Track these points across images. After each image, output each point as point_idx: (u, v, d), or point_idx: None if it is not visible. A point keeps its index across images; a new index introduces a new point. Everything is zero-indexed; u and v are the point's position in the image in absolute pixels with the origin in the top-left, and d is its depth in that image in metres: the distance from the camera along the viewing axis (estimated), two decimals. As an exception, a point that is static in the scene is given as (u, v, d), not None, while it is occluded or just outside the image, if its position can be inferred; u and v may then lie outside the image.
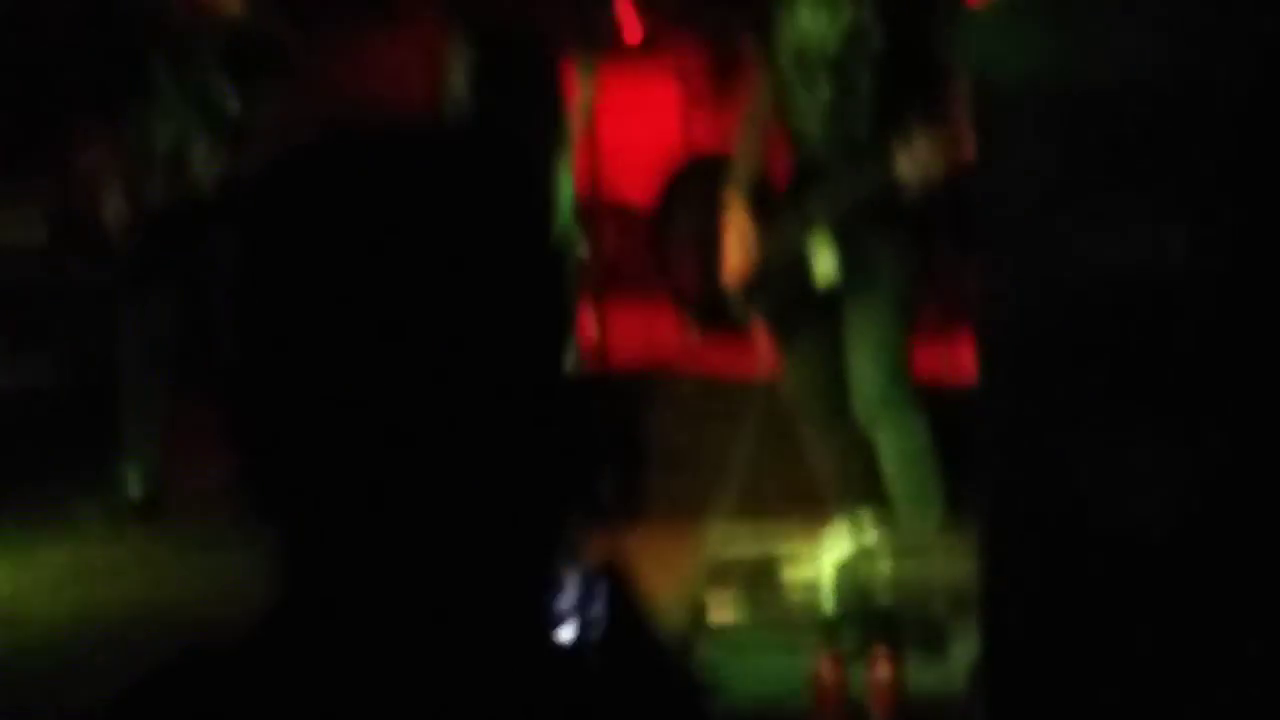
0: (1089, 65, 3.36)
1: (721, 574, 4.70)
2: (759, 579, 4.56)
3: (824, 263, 4.60)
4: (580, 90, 5.90)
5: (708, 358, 6.41)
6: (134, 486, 5.74)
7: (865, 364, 4.57)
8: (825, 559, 4.10)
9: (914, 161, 4.30)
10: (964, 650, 3.89)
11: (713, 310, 6.49)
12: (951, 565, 4.09)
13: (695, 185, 6.54)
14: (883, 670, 3.88)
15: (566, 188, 5.77)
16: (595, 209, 6.44)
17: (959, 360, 5.79)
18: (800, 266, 4.65)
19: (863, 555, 4.14)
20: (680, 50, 7.10)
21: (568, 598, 1.13)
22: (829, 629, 4.05)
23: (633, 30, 6.89)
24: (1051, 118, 3.41)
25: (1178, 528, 3.39)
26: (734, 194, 4.79)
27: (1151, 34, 3.30)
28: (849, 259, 4.54)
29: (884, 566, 4.12)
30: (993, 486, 3.64)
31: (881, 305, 4.57)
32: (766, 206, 4.80)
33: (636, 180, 6.89)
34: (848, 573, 4.08)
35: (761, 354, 6.17)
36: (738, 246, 4.77)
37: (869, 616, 4.06)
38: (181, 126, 5.45)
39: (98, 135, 5.61)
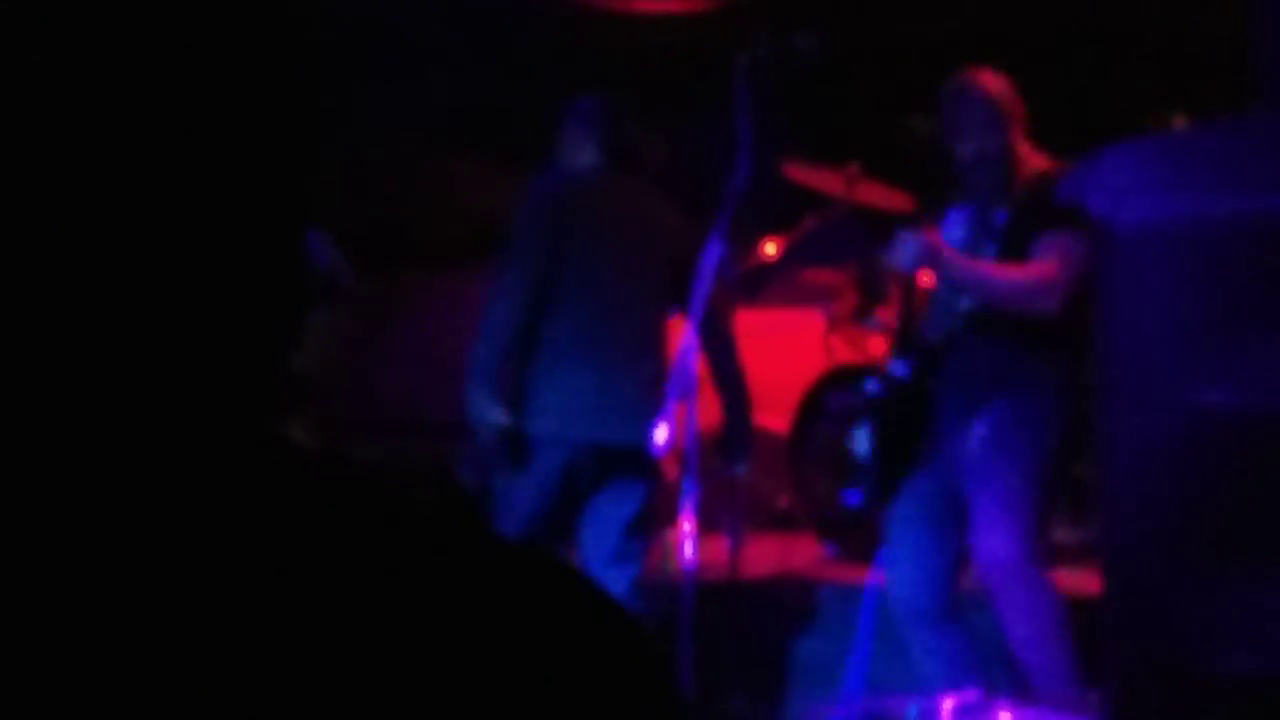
0: (1212, 205, 3.37)
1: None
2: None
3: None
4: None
5: (843, 569, 6.40)
6: None
7: (994, 529, 4.52)
8: (944, 709, 4.01)
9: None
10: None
11: (849, 525, 6.48)
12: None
13: (831, 397, 6.59)
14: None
15: None
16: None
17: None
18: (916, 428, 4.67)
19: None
20: (826, 271, 7.20)
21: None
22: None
23: (778, 253, 7.00)
24: (1176, 257, 3.41)
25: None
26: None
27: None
28: (975, 423, 4.54)
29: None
30: (1119, 641, 3.56)
31: (1013, 470, 4.54)
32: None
33: (777, 403, 6.94)
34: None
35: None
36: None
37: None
38: None
39: None
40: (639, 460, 5.17)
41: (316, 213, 0.90)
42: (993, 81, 4.69)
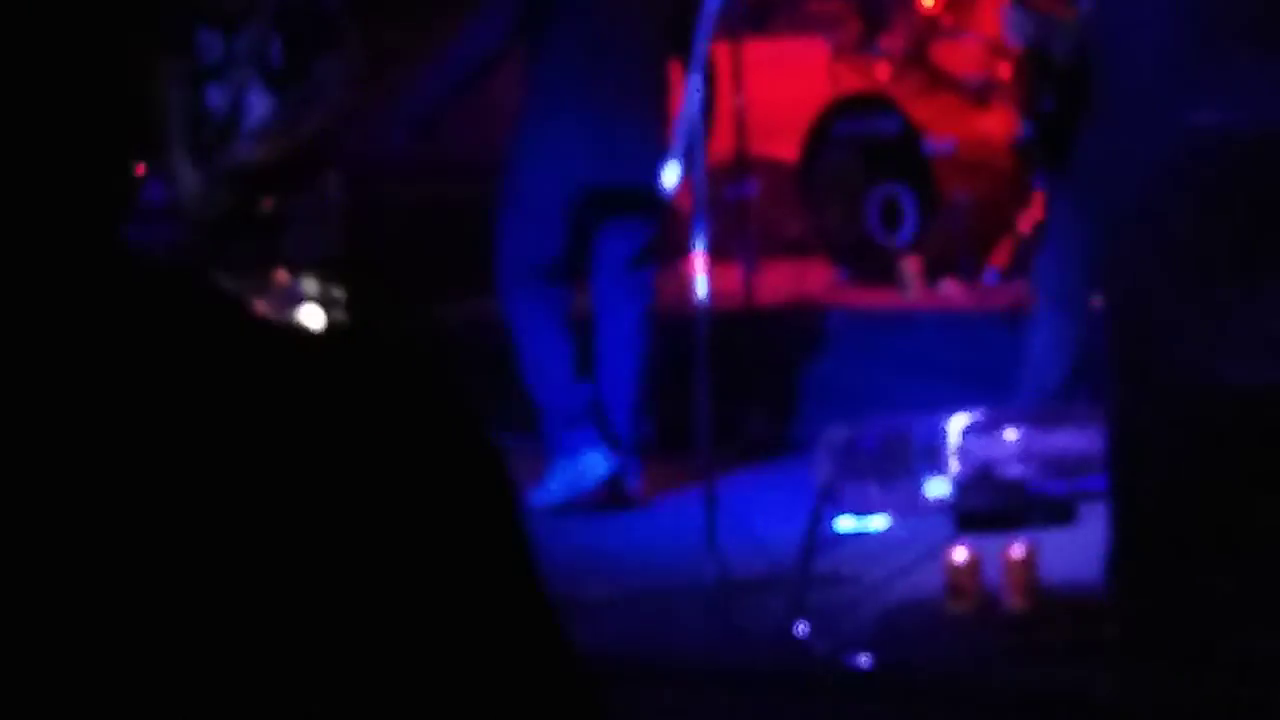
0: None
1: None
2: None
3: None
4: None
5: (855, 293, 6.55)
6: None
7: None
8: (953, 428, 4.15)
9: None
10: (1094, 525, 3.92)
11: (860, 249, 6.62)
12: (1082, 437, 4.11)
13: (839, 124, 6.68)
14: (1016, 549, 3.93)
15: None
16: (743, 164, 6.58)
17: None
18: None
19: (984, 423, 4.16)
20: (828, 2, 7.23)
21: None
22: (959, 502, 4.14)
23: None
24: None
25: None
26: None
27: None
28: None
29: (1010, 435, 4.15)
30: (1120, 355, 3.68)
31: None
32: None
33: (785, 133, 7.01)
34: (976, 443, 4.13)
35: (908, 288, 6.28)
36: None
37: (998, 489, 4.11)
38: (235, 87, 5.47)
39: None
40: (643, 198, 5.24)
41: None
42: None
